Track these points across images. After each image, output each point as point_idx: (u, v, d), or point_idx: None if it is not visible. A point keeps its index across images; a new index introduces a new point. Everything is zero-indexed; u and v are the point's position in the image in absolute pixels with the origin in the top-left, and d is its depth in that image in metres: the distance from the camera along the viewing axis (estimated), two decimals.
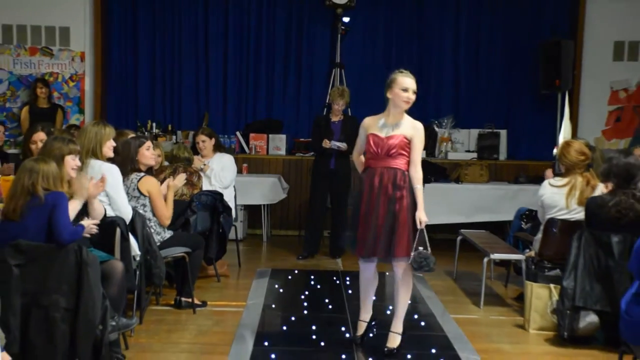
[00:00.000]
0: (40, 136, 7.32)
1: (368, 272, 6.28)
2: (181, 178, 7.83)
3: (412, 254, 5.89)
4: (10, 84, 12.14)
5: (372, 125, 6.13)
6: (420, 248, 5.90)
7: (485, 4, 12.40)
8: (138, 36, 12.48)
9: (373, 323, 6.45)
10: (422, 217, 5.93)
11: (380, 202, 5.93)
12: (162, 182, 7.60)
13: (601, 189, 6.85)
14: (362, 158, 6.36)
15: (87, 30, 12.24)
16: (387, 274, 8.31)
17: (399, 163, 5.97)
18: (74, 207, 5.67)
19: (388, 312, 7.13)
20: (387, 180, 5.93)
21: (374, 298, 6.46)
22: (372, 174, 6.01)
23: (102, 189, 6.04)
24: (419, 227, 5.91)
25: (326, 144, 9.61)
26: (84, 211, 5.92)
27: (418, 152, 6.03)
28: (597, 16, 12.17)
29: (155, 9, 12.40)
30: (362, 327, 6.39)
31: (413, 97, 6.00)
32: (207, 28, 12.45)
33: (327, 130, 9.77)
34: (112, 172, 6.65)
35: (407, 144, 5.98)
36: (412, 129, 6.02)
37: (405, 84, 5.96)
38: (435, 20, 12.35)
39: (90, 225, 5.73)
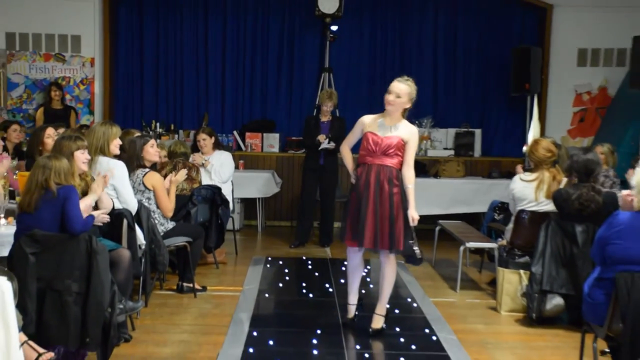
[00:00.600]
0: (51, 131, 7.35)
1: (356, 260, 6.28)
2: (182, 174, 7.85)
3: (416, 248, 6.01)
4: (27, 87, 12.15)
5: (371, 124, 6.04)
6: (413, 242, 6.01)
7: (461, 15, 12.40)
8: (143, 44, 12.46)
9: (361, 301, 6.51)
10: (415, 214, 5.92)
11: (379, 198, 5.88)
12: (164, 177, 7.63)
13: (565, 183, 6.90)
14: (349, 152, 6.33)
15: (96, 38, 12.23)
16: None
17: (394, 162, 5.90)
18: (88, 203, 5.69)
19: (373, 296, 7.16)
20: (384, 177, 5.87)
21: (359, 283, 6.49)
22: (369, 170, 5.93)
23: (107, 184, 6.04)
24: (412, 224, 5.92)
25: (322, 137, 9.66)
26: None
27: (412, 154, 5.99)
28: (562, 25, 12.20)
29: (159, 19, 12.38)
30: (352, 310, 6.42)
31: (391, 98, 5.92)
32: (206, 36, 12.43)
33: (316, 129, 9.82)
34: (119, 168, 6.68)
35: (403, 146, 5.92)
36: (409, 132, 5.98)
37: (390, 87, 5.98)
38: (415, 29, 12.35)
39: (100, 215, 5.76)
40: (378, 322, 6.24)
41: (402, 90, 5.93)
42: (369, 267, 8.39)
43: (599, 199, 6.48)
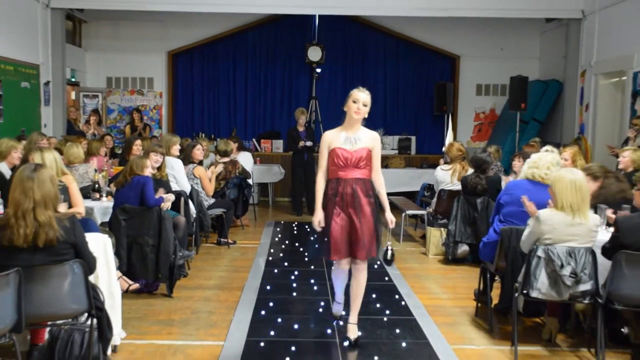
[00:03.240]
0: (138, 141, 7.40)
1: (344, 274, 4.39)
2: (219, 167, 7.90)
3: (389, 248, 4.47)
4: (119, 112, 12.19)
5: (334, 139, 4.23)
6: (389, 243, 4.45)
7: (401, 61, 12.42)
8: (193, 82, 12.42)
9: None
10: (392, 217, 4.28)
11: (359, 211, 4.11)
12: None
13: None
14: (323, 183, 4.28)
15: (163, 79, 12.23)
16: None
17: (366, 173, 4.19)
18: (163, 193, 5.71)
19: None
20: (360, 191, 4.12)
21: None
22: (345, 184, 4.14)
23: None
24: (390, 226, 4.24)
25: (301, 143, 9.71)
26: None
27: (379, 160, 4.28)
28: (466, 69, 12.30)
29: (203, 66, 12.35)
30: (339, 310, 4.60)
31: (363, 108, 4.21)
32: (235, 76, 12.40)
33: (297, 136, 9.84)
34: (178, 164, 6.74)
35: (370, 155, 4.21)
36: (372, 140, 4.26)
37: (355, 97, 4.24)
38: (372, 70, 12.35)
39: (167, 199, 5.74)
40: (355, 332, 4.33)
41: (366, 99, 4.25)
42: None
43: (482, 182, 6.59)
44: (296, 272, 6.27)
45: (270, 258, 6.94)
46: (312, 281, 5.92)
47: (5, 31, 8.56)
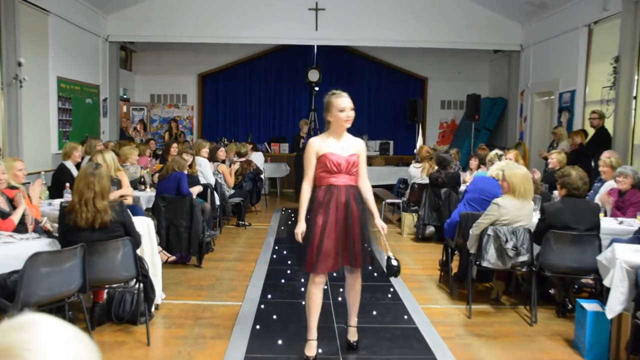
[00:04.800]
0: (175, 144, 7.41)
1: (320, 294, 3.29)
2: (237, 165, 7.90)
3: (393, 260, 3.42)
4: (160, 121, 12.18)
5: (323, 145, 3.23)
6: (390, 254, 3.41)
7: (382, 81, 12.41)
8: (217, 98, 12.40)
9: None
10: (383, 224, 3.36)
11: (351, 218, 3.18)
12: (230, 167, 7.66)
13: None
14: (309, 192, 3.26)
15: (194, 95, 12.20)
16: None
17: (355, 179, 3.26)
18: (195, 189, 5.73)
19: None
20: (352, 197, 3.19)
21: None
22: (338, 191, 3.18)
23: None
24: (383, 232, 3.33)
25: (302, 141, 9.74)
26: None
27: (365, 166, 3.34)
28: (432, 88, 12.29)
29: (226, 84, 12.33)
30: (314, 347, 3.30)
31: (352, 114, 3.26)
32: (251, 93, 12.38)
33: (300, 141, 9.87)
34: (205, 162, 6.76)
35: (358, 161, 3.29)
36: (359, 146, 3.33)
37: (341, 105, 3.24)
38: (359, 88, 12.24)
39: (195, 192, 5.75)
40: (355, 334, 3.48)
41: (351, 103, 3.31)
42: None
43: (442, 176, 6.59)
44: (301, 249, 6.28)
45: (279, 237, 6.96)
46: None
47: (74, 60, 8.72)
